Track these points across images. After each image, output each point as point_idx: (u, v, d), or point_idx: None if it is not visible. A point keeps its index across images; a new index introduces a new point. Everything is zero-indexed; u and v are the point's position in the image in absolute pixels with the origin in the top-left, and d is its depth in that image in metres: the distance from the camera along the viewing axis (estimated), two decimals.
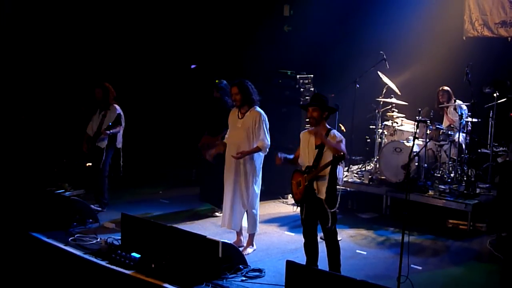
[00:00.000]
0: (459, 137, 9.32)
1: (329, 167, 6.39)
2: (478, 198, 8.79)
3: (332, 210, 6.42)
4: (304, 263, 6.61)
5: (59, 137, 10.90)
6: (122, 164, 9.43)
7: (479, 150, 9.52)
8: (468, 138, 9.43)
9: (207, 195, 9.24)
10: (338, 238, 8.06)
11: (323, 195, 6.42)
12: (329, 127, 6.57)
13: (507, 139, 9.40)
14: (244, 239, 7.85)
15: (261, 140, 7.44)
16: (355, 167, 10.57)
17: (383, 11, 10.79)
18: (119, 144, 9.31)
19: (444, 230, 8.68)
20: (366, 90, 10.03)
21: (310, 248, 6.69)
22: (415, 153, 7.54)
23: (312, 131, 6.58)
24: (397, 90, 9.85)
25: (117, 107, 9.24)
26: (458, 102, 9.63)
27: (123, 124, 9.26)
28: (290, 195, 10.15)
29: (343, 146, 6.38)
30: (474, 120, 9.30)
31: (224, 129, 8.30)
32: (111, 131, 9.06)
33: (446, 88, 9.80)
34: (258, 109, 7.56)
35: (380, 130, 9.91)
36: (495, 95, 9.34)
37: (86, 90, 9.53)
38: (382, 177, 9.53)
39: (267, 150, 7.53)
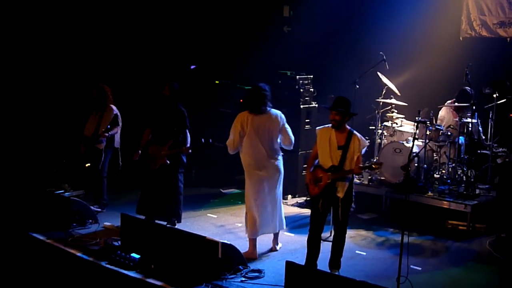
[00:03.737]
0: (458, 138, 9.31)
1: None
2: (478, 199, 8.79)
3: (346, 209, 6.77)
4: (303, 263, 6.61)
5: (58, 137, 10.90)
6: (121, 164, 9.43)
7: (479, 151, 9.52)
8: (467, 139, 9.43)
9: (146, 207, 8.46)
10: None
11: (341, 194, 6.69)
12: (349, 128, 6.80)
13: (506, 140, 9.40)
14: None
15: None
16: None
17: (382, 12, 10.80)
18: (117, 144, 9.33)
19: (443, 230, 8.68)
20: (365, 91, 10.03)
21: (314, 242, 6.88)
22: (414, 154, 7.55)
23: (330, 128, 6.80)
24: (396, 91, 9.85)
25: (114, 107, 9.24)
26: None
27: (120, 124, 9.26)
28: (290, 195, 10.18)
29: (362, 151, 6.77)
30: (474, 121, 9.30)
31: (173, 137, 8.20)
32: (109, 133, 9.06)
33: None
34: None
35: (380, 131, 9.92)
36: (494, 96, 9.34)
37: (84, 91, 9.52)
38: (382, 178, 9.54)
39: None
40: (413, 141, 6.93)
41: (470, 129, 9.24)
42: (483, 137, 9.59)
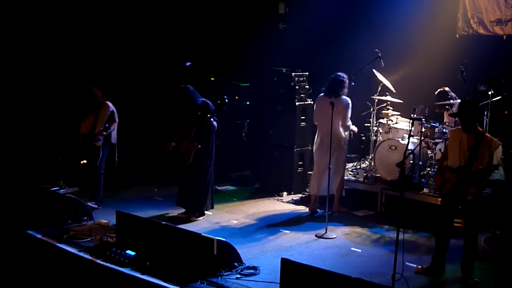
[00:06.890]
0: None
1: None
2: None
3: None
4: (299, 261, 6.60)
5: (53, 134, 10.86)
6: (117, 160, 9.42)
7: None
8: None
9: (184, 200, 8.96)
10: (333, 236, 8.11)
11: (470, 197, 6.66)
12: (482, 130, 6.84)
13: (501, 137, 9.39)
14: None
15: None
16: (350, 164, 10.56)
17: (378, 9, 10.79)
18: (114, 140, 9.31)
19: None
20: (361, 88, 10.02)
21: (444, 241, 6.91)
22: (410, 151, 7.55)
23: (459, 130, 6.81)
24: (392, 88, 9.86)
25: (109, 104, 9.20)
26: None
27: (117, 120, 9.24)
28: (286, 192, 10.16)
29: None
30: None
31: (193, 129, 8.50)
32: (107, 131, 9.04)
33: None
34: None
35: (375, 128, 9.91)
36: (490, 93, 9.34)
37: (80, 88, 9.48)
38: (377, 175, 9.54)
39: None
40: (409, 138, 6.94)
41: None
42: None
